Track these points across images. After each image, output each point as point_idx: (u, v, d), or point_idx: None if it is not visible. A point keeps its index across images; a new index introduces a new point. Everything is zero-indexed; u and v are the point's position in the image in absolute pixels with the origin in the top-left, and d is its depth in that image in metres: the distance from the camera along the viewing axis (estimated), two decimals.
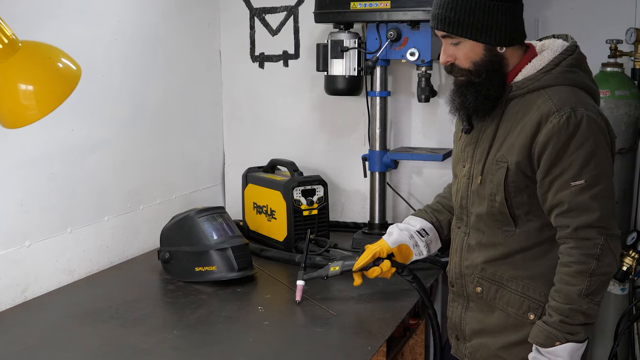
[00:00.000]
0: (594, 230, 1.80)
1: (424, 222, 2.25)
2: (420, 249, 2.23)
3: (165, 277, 2.66)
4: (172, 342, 2.07)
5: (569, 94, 1.85)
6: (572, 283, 1.81)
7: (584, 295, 1.80)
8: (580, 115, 1.79)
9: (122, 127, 2.85)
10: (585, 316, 1.81)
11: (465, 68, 1.92)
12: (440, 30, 1.92)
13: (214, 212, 2.68)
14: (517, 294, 1.95)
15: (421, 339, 2.86)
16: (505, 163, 1.89)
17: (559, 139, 1.80)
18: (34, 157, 2.42)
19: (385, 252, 2.22)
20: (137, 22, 2.91)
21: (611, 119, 3.00)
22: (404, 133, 3.25)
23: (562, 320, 1.82)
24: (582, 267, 1.80)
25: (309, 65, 3.23)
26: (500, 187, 1.91)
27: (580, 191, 1.79)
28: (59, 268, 2.55)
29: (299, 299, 2.35)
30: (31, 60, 1.76)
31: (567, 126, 1.79)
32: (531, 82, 1.90)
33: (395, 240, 2.23)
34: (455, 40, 1.91)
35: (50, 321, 2.24)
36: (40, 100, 1.75)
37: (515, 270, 1.95)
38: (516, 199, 1.91)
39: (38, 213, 2.45)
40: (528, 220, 1.92)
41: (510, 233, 1.95)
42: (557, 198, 1.82)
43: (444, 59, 1.95)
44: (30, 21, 2.32)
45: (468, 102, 1.94)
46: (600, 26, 3.06)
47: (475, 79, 1.91)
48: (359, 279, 2.29)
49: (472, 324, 2.06)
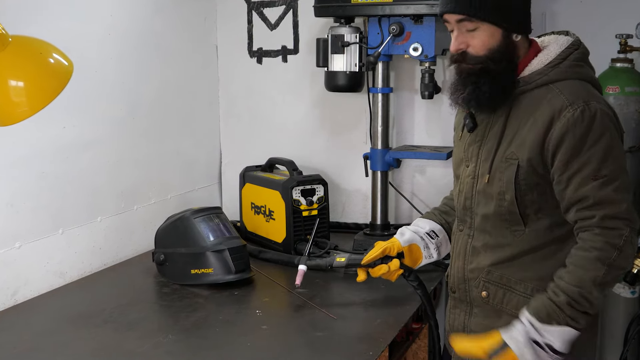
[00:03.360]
0: (621, 222, 1.80)
1: (433, 224, 2.24)
2: (431, 251, 2.22)
3: (160, 280, 2.66)
4: (167, 346, 2.07)
5: (579, 87, 1.85)
6: (588, 268, 1.79)
7: (597, 284, 1.78)
8: (594, 109, 1.80)
9: (115, 125, 2.85)
10: (590, 305, 1.79)
11: (480, 55, 1.88)
12: (457, 14, 1.86)
13: (210, 212, 2.68)
14: (527, 296, 1.93)
15: (424, 344, 2.86)
16: (515, 160, 1.88)
17: (574, 133, 1.79)
18: (24, 156, 2.42)
19: (396, 250, 2.20)
20: (131, 16, 2.91)
21: (621, 116, 2.97)
22: (406, 131, 3.25)
23: (569, 302, 1.78)
24: (603, 255, 1.78)
25: (309, 61, 3.22)
26: (510, 184, 1.90)
27: (603, 185, 1.79)
28: (50, 270, 2.55)
29: (299, 284, 2.34)
30: (22, 55, 1.76)
31: (582, 120, 1.79)
32: (539, 77, 1.89)
33: (407, 240, 2.21)
34: (473, 26, 1.86)
35: (41, 325, 2.24)
36: (31, 97, 1.74)
37: (524, 271, 1.94)
38: (526, 197, 1.90)
39: (28, 213, 2.45)
40: (538, 218, 1.91)
41: (519, 233, 1.94)
42: (578, 194, 1.81)
43: (456, 46, 1.90)
44: (20, 15, 2.32)
45: (482, 92, 1.88)
46: (610, 20, 3.05)
47: (494, 66, 1.87)
48: (364, 275, 2.26)
49: (478, 331, 2.02)
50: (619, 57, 2.97)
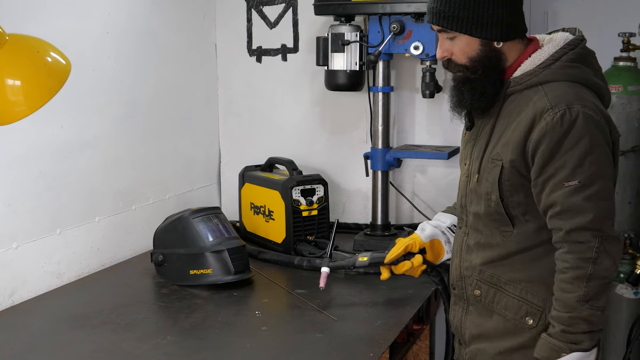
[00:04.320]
0: (588, 233, 1.79)
1: (454, 218, 2.23)
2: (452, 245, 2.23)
3: (158, 281, 2.65)
4: (166, 348, 2.07)
5: (566, 90, 1.84)
6: (570, 290, 1.80)
7: (583, 302, 1.79)
8: (575, 113, 1.79)
9: (113, 124, 2.85)
10: (588, 323, 1.80)
11: (461, 64, 1.94)
12: (435, 25, 1.93)
13: (209, 212, 2.68)
14: (515, 297, 1.94)
15: (425, 345, 2.86)
16: (500, 161, 1.90)
17: (552, 137, 1.79)
18: (21, 155, 2.42)
19: (418, 246, 2.21)
20: (129, 14, 2.91)
21: (623, 115, 3.00)
22: (407, 130, 3.25)
23: (564, 330, 1.81)
24: (579, 272, 1.79)
25: (309, 60, 3.22)
26: (495, 185, 1.91)
27: (574, 192, 1.79)
28: (48, 271, 2.55)
29: (323, 286, 2.35)
30: (19, 54, 1.76)
31: (561, 124, 1.79)
32: (529, 78, 1.90)
33: (429, 235, 2.22)
34: (451, 35, 1.92)
35: (38, 326, 2.24)
36: (28, 96, 1.74)
37: (513, 272, 1.95)
38: (512, 198, 1.91)
39: (26, 213, 2.45)
40: (526, 220, 1.92)
41: (507, 234, 1.95)
42: (550, 199, 1.82)
43: (440, 54, 1.98)
44: (18, 13, 2.32)
45: (465, 99, 1.96)
46: (613, 19, 3.06)
47: (471, 75, 1.93)
48: (387, 273, 2.27)
49: (472, 329, 2.06)
50: (622, 55, 2.98)
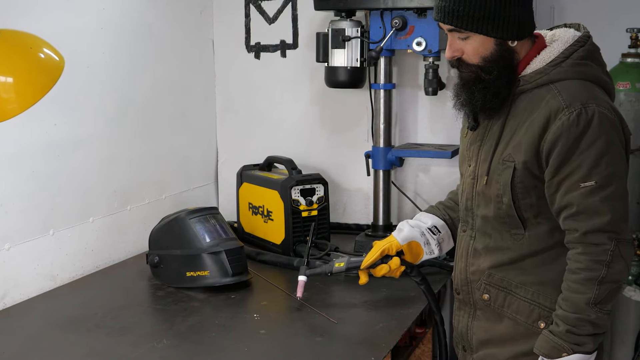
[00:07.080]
0: (604, 235, 1.79)
1: (436, 219, 2.25)
2: (432, 247, 2.23)
3: (154, 283, 2.66)
4: (162, 352, 2.07)
5: (579, 88, 1.84)
6: (580, 291, 1.81)
7: (592, 304, 1.80)
8: (591, 112, 1.79)
9: (108, 122, 2.85)
10: (594, 326, 1.81)
11: (474, 64, 1.91)
12: (447, 24, 1.90)
13: (206, 213, 2.68)
14: (527, 301, 1.95)
15: (428, 349, 2.86)
16: (512, 162, 1.89)
17: (568, 137, 1.79)
18: (13, 154, 2.42)
19: (395, 249, 2.21)
20: (124, 9, 2.91)
21: (631, 112, 3.00)
22: (409, 128, 3.25)
23: (569, 330, 1.82)
24: (591, 274, 1.80)
25: (308, 56, 3.22)
26: (507, 187, 1.90)
27: (590, 193, 1.79)
28: (41, 273, 2.55)
29: (300, 295, 2.35)
30: (11, 50, 1.76)
31: (577, 123, 1.78)
32: (540, 76, 1.89)
33: (405, 237, 2.22)
34: (464, 35, 1.89)
35: (31, 330, 2.24)
36: (20, 93, 1.74)
37: (524, 275, 1.95)
38: (524, 200, 1.90)
39: (18, 214, 2.45)
40: (538, 223, 1.92)
41: (519, 236, 1.94)
42: (565, 200, 1.82)
43: (450, 53, 1.94)
44: (9, 8, 2.32)
45: (475, 99, 1.93)
46: (620, 14, 3.06)
47: (486, 75, 1.90)
48: (365, 278, 2.28)
49: (480, 334, 2.06)
50: (630, 52, 2.98)
